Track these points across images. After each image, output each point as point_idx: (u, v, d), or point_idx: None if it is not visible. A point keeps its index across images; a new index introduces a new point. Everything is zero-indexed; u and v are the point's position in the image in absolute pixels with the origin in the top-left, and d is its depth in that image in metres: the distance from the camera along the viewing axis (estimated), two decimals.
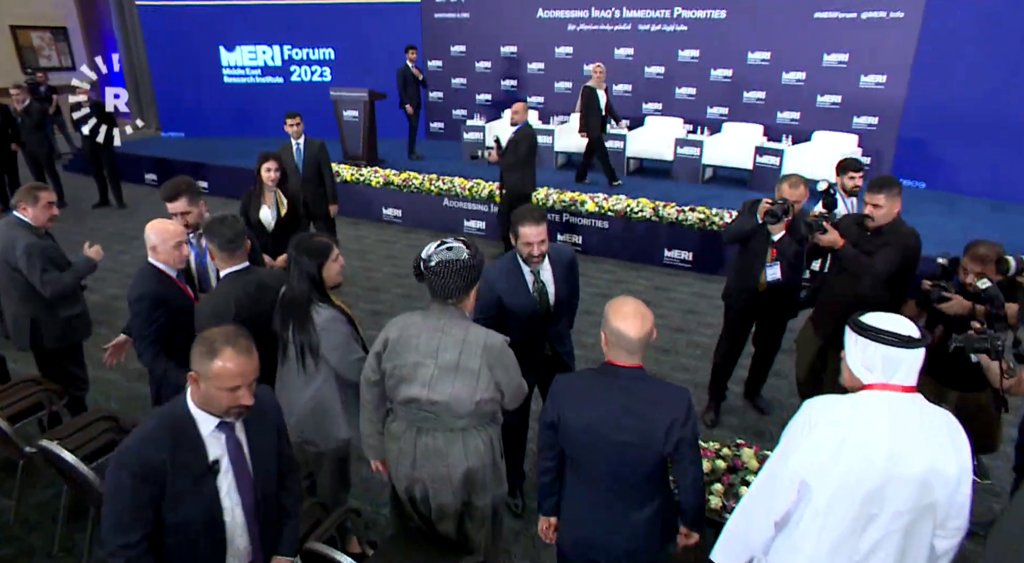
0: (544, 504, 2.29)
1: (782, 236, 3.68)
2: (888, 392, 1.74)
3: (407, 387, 2.32)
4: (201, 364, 1.79)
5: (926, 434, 1.71)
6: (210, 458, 1.85)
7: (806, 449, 1.78)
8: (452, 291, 2.25)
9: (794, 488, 1.81)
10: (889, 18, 8.27)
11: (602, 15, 9.93)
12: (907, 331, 1.73)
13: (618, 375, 2.02)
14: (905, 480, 1.70)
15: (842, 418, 1.76)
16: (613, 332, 1.99)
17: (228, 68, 11.78)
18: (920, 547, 1.78)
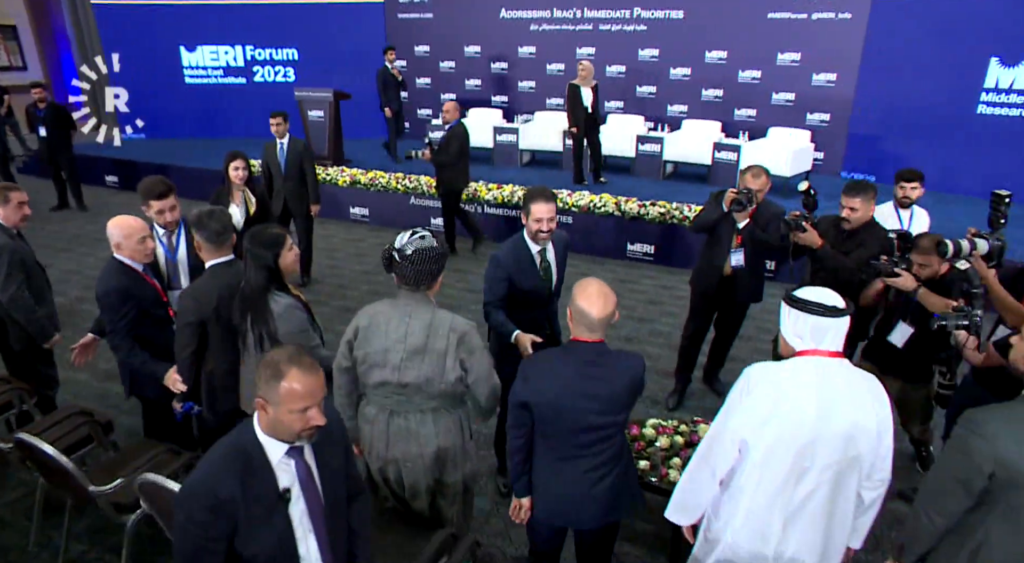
0: (517, 485, 2.40)
1: (747, 223, 3.88)
2: (817, 357, 1.93)
3: (378, 372, 2.43)
4: (268, 389, 1.69)
5: (850, 393, 1.91)
6: (280, 487, 1.76)
7: (744, 410, 1.97)
8: (424, 278, 2.37)
9: (735, 447, 2.00)
10: (837, 19, 8.60)
11: (564, 15, 10.11)
12: (832, 302, 1.93)
13: (581, 350, 2.17)
14: (832, 435, 1.89)
15: (776, 381, 1.95)
16: (577, 310, 2.14)
17: (190, 68, 11.66)
18: (847, 497, 1.97)
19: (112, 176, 10.25)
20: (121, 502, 2.76)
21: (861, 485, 1.99)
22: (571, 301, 2.18)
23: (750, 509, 2.00)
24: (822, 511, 1.97)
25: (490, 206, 7.67)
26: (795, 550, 2.01)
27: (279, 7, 11.21)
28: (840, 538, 2.05)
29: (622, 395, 2.17)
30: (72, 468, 2.58)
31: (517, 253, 3.14)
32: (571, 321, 2.20)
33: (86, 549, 3.17)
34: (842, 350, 1.96)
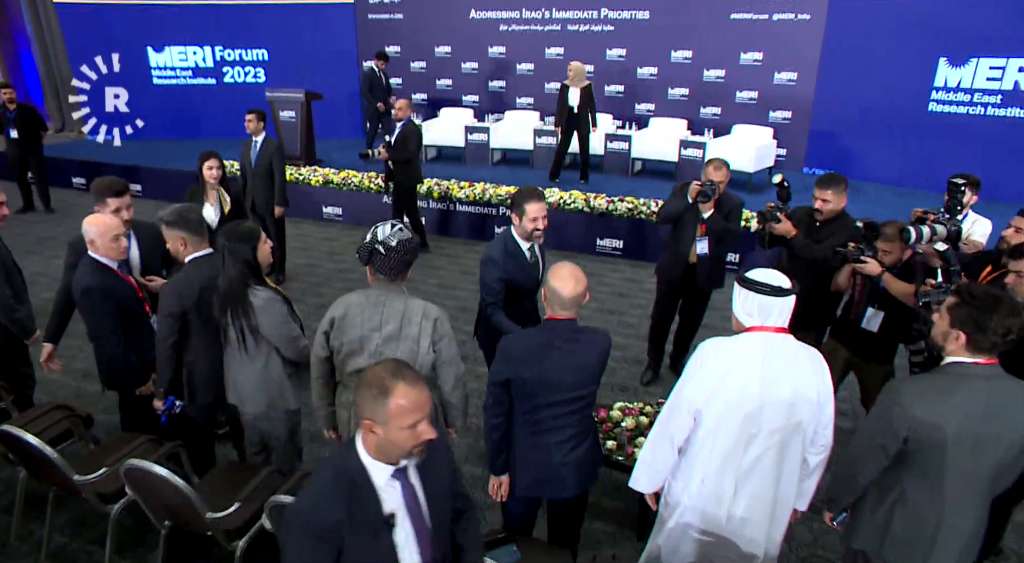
0: (495, 464, 2.52)
1: (712, 213, 4.08)
2: (763, 332, 2.12)
3: (355, 359, 2.55)
4: (376, 408, 1.61)
5: (793, 365, 2.09)
6: (386, 511, 1.70)
7: (697, 381, 2.15)
8: (402, 268, 2.50)
9: (690, 416, 2.18)
10: (797, 20, 8.88)
11: (533, 16, 10.25)
12: (778, 282, 2.10)
13: (557, 328, 2.33)
14: (776, 403, 2.07)
15: (725, 354, 2.13)
16: (551, 290, 2.30)
17: (158, 69, 11.55)
18: (793, 461, 2.16)
19: (79, 178, 10.13)
20: (105, 491, 2.83)
21: (806, 450, 2.17)
22: (545, 282, 2.35)
23: (705, 473, 2.19)
24: (770, 474, 2.16)
25: (462, 204, 7.79)
26: (746, 510, 2.19)
27: (248, 8, 11.17)
28: (787, 499, 2.24)
29: (595, 368, 2.35)
30: (57, 457, 2.65)
31: (509, 251, 3.29)
32: (545, 301, 2.36)
33: (68, 541, 3.23)
34: (787, 326, 2.14)
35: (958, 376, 1.96)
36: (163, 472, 2.43)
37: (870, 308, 3.38)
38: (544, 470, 2.44)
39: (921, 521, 2.04)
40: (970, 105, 7.86)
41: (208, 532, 2.60)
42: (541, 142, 9.35)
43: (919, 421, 1.93)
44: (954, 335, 1.96)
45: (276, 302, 2.76)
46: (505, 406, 2.44)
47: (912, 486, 2.04)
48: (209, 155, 4.84)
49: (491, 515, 3.37)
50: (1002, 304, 1.89)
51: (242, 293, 2.71)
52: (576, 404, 2.38)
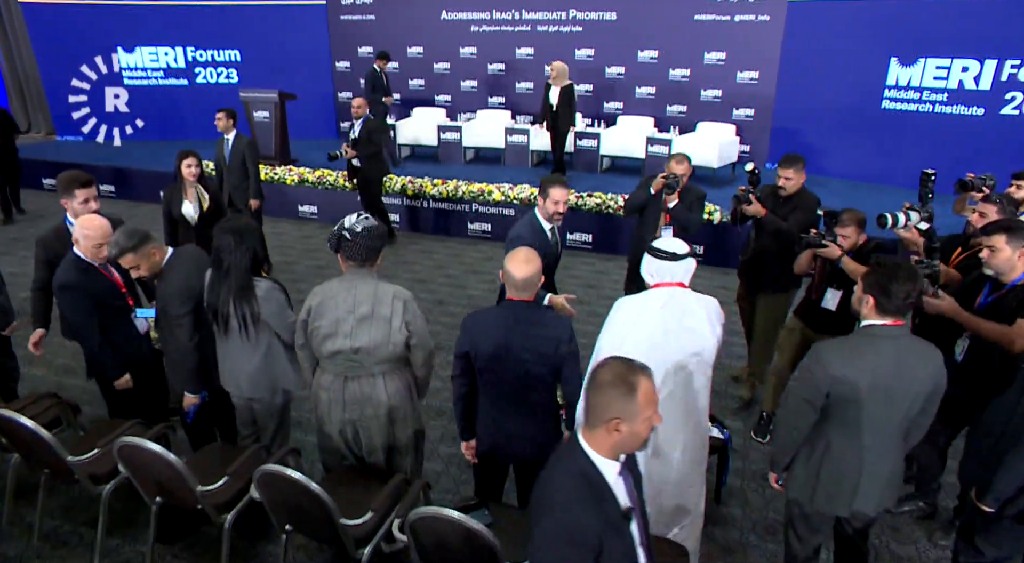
0: (461, 430, 2.75)
1: (676, 204, 4.39)
2: (664, 288, 2.53)
3: (331, 342, 2.73)
4: (626, 406, 1.63)
5: (689, 310, 2.52)
6: (622, 506, 1.73)
7: (611, 331, 2.52)
8: (370, 253, 2.69)
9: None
10: (757, 21, 9.20)
11: (503, 17, 10.45)
12: (672, 249, 2.56)
13: (514, 308, 2.54)
14: (677, 342, 2.48)
15: (633, 305, 2.56)
16: (506, 272, 2.52)
17: (128, 70, 11.52)
18: (698, 394, 2.58)
19: (50, 179, 10.08)
20: (97, 473, 2.97)
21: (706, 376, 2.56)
22: (503, 264, 2.55)
23: None
24: (681, 407, 2.53)
25: (435, 201, 7.97)
26: (664, 440, 2.54)
27: (220, 8, 11.20)
28: (699, 429, 2.61)
29: (551, 349, 2.50)
30: (51, 439, 2.79)
31: (534, 230, 3.66)
32: (504, 281, 2.56)
33: (59, 524, 3.36)
34: (687, 284, 2.59)
35: (870, 336, 2.23)
36: (155, 447, 2.59)
37: (830, 289, 3.69)
38: (499, 438, 2.66)
39: (845, 468, 2.30)
40: (919, 103, 8.25)
41: (198, 506, 2.76)
42: (512, 140, 9.56)
43: (837, 377, 2.20)
44: (865, 300, 2.24)
45: (276, 291, 2.94)
46: (469, 377, 2.65)
47: (836, 437, 2.30)
48: (187, 153, 4.97)
49: (467, 490, 3.58)
50: (902, 271, 2.18)
51: (249, 283, 2.87)
52: (531, 381, 2.55)
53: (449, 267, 6.98)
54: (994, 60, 7.58)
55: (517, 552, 2.36)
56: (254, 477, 2.55)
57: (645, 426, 1.67)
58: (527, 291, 2.53)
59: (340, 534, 2.53)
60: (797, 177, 4.02)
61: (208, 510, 2.77)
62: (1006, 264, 2.76)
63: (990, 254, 2.80)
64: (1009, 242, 2.74)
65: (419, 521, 2.30)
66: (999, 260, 2.76)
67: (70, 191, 3.57)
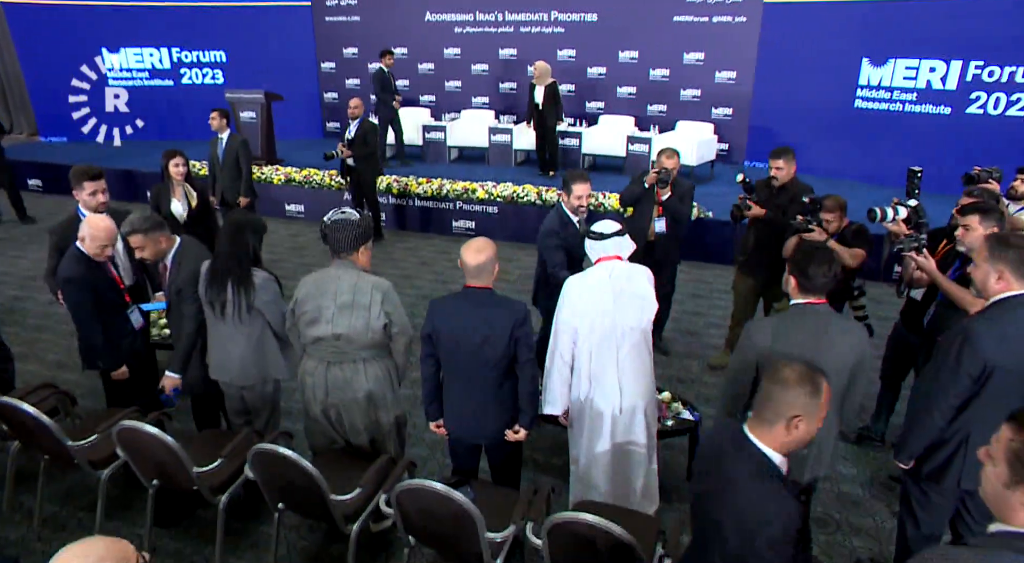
0: (430, 410, 2.94)
1: (669, 196, 4.64)
2: (606, 261, 2.93)
3: (315, 328, 2.90)
4: (808, 405, 1.69)
5: (632, 276, 2.89)
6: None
7: (565, 307, 2.84)
8: (344, 245, 2.86)
9: (569, 336, 2.84)
10: (735, 22, 9.43)
11: (486, 18, 10.61)
12: (600, 230, 2.94)
13: (471, 293, 2.73)
14: (626, 306, 2.78)
15: (582, 281, 2.91)
16: (461, 261, 2.72)
17: (112, 70, 11.56)
18: (649, 350, 2.97)
19: (35, 179, 10.14)
20: (96, 458, 3.11)
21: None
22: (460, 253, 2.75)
23: (590, 374, 2.87)
24: (641, 366, 2.87)
25: (420, 199, 8.12)
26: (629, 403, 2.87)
27: (205, 9, 11.27)
28: (651, 382, 2.99)
29: (505, 332, 2.67)
30: (52, 425, 2.92)
31: (563, 222, 3.96)
32: (462, 268, 2.75)
33: (58, 509, 3.49)
34: (624, 258, 2.96)
35: (796, 314, 2.47)
36: (153, 430, 2.73)
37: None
38: (466, 417, 2.85)
39: None
40: (890, 102, 8.51)
41: (194, 487, 2.91)
42: (496, 140, 9.73)
43: (763, 351, 2.43)
44: (790, 280, 2.47)
45: (271, 281, 3.11)
46: (434, 359, 2.83)
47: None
48: (174, 153, 5.10)
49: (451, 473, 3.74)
50: (817, 253, 2.41)
51: (248, 271, 3.04)
52: (488, 362, 2.72)
53: (434, 264, 7.14)
54: (959, 61, 7.85)
55: (495, 522, 2.53)
56: (249, 456, 2.70)
57: (816, 426, 1.72)
58: (480, 278, 2.71)
59: (330, 510, 2.68)
60: (788, 167, 4.38)
61: (203, 491, 2.91)
62: (977, 242, 2.99)
63: (964, 232, 3.09)
64: (982, 222, 3.02)
65: (404, 493, 2.46)
66: (972, 238, 3.03)
67: (80, 183, 3.75)
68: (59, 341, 5.37)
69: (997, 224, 3.05)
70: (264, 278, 3.09)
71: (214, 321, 3.14)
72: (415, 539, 2.72)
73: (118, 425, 2.80)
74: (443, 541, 2.63)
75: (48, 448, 3.14)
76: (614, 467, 3.02)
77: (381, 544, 3.21)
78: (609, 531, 2.22)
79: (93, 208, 3.78)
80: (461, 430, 2.88)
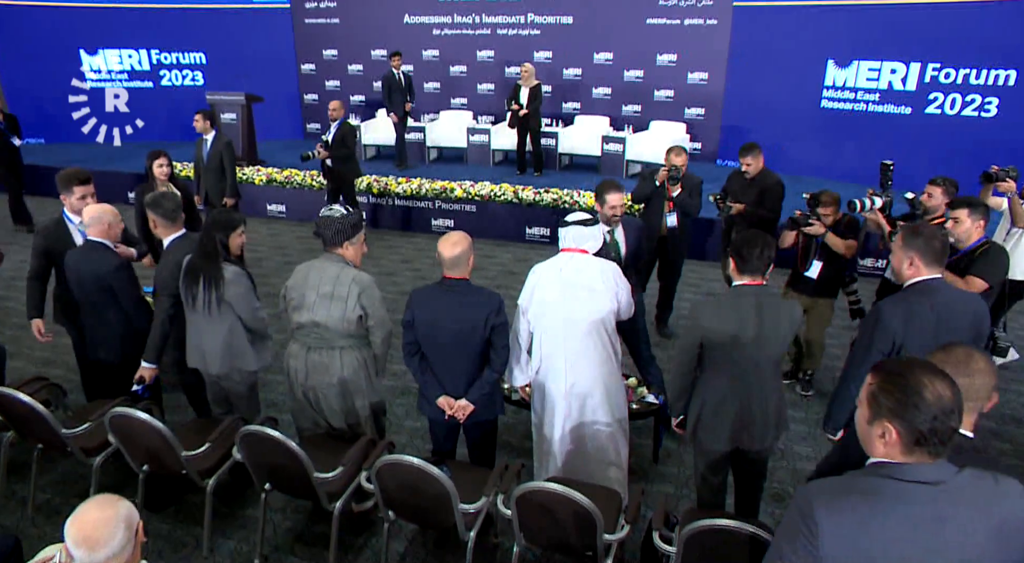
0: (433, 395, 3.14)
1: (679, 192, 4.91)
2: (566, 253, 3.10)
3: (298, 314, 3.10)
4: (991, 390, 1.85)
5: (586, 271, 3.03)
6: None
7: (524, 292, 3.06)
8: (330, 239, 3.06)
9: (525, 319, 3.08)
10: (706, 25, 9.70)
11: (464, 20, 10.80)
12: (566, 218, 3.14)
13: (448, 283, 2.93)
14: (577, 297, 2.97)
15: (540, 270, 3.12)
16: (438, 252, 2.92)
17: (92, 72, 11.58)
18: (603, 341, 3.06)
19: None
20: (88, 446, 3.26)
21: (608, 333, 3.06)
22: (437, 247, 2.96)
23: (543, 356, 3.10)
24: (593, 354, 3.03)
25: (400, 198, 8.30)
26: (582, 385, 3.06)
27: (183, 12, 11.34)
28: (615, 376, 3.14)
29: (479, 321, 2.87)
30: (47, 413, 3.07)
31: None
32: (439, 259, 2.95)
33: (51, 497, 3.63)
34: (586, 250, 3.09)
35: (736, 295, 2.68)
36: (144, 416, 2.89)
37: (814, 260, 4.31)
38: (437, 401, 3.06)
39: (721, 407, 2.73)
40: (854, 102, 8.83)
41: (183, 471, 3.07)
42: (474, 140, 9.93)
43: (707, 328, 2.65)
44: (730, 262, 2.70)
45: (243, 276, 3.26)
46: (415, 345, 3.03)
47: (712, 379, 2.76)
48: (158, 153, 5.23)
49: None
50: (755, 238, 2.62)
51: (217, 265, 3.18)
52: (463, 347, 2.92)
53: (414, 261, 7.32)
54: (918, 63, 8.18)
55: (469, 496, 2.73)
56: (237, 438, 2.87)
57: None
58: (456, 269, 2.91)
59: (314, 488, 2.86)
60: (756, 161, 4.91)
61: (192, 475, 3.07)
62: (965, 234, 3.43)
63: (954, 224, 3.44)
64: (970, 215, 3.39)
65: (384, 468, 2.65)
66: (961, 230, 3.42)
67: (69, 187, 3.84)
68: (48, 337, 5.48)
69: (983, 218, 3.43)
70: (235, 272, 3.22)
71: (190, 312, 3.30)
72: (394, 514, 2.91)
73: (110, 412, 2.95)
74: (420, 514, 2.82)
75: (42, 437, 3.28)
76: (574, 444, 3.23)
77: (363, 524, 3.39)
78: (571, 499, 2.43)
79: (81, 211, 3.81)
80: (439, 412, 3.07)
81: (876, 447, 1.47)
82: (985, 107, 7.85)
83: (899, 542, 1.37)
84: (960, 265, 3.41)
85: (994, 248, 3.44)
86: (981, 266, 3.35)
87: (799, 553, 1.42)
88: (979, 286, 3.31)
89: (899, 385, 1.41)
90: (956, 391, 1.41)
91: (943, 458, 1.42)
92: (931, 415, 1.37)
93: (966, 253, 3.44)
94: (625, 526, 2.62)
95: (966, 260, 3.42)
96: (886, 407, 1.42)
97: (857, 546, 1.38)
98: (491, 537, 3.22)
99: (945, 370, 1.46)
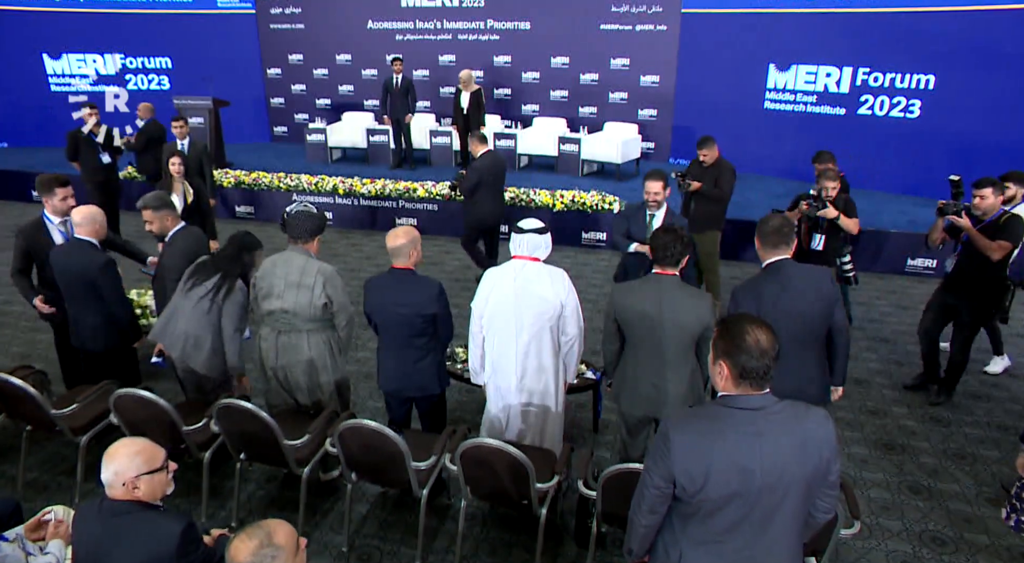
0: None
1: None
2: (518, 260, 3.29)
3: (268, 302, 3.47)
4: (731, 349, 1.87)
5: (536, 278, 3.24)
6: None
7: (478, 296, 3.32)
8: (300, 233, 3.42)
9: (479, 321, 3.34)
10: (656, 30, 10.21)
11: (426, 26, 11.17)
12: (521, 225, 3.30)
13: (394, 273, 3.33)
14: (527, 304, 3.22)
15: (493, 275, 3.34)
16: (386, 242, 3.29)
17: (54, 76, 11.68)
18: (550, 345, 3.32)
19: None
20: (76, 425, 3.57)
21: (560, 338, 3.33)
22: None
23: (493, 356, 3.38)
24: (537, 355, 3.32)
25: (365, 199, 8.64)
26: (528, 381, 3.35)
27: (149, 17, 11.52)
28: (555, 370, 3.38)
29: (421, 304, 3.26)
30: (37, 394, 3.38)
31: (637, 209, 4.68)
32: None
33: (39, 475, 3.93)
34: (538, 257, 3.29)
35: (650, 281, 3.08)
36: (151, 395, 3.24)
37: (816, 234, 4.97)
38: (398, 376, 3.46)
39: (638, 378, 3.12)
40: (794, 104, 9.41)
41: (182, 445, 3.40)
42: (437, 141, 10.30)
43: (621, 307, 3.07)
44: (648, 252, 3.11)
45: (242, 294, 3.56)
46: (373, 326, 3.43)
47: (628, 353, 3.17)
48: (173, 152, 5.77)
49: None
50: (664, 234, 3.04)
51: (235, 275, 3.54)
52: (410, 328, 3.30)
53: (376, 257, 7.67)
54: (850, 67, 8.78)
55: (420, 456, 3.13)
56: (214, 410, 3.23)
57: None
58: (399, 258, 3.30)
59: (284, 455, 3.23)
60: (711, 152, 5.68)
61: (191, 447, 3.42)
62: (990, 207, 4.10)
63: (980, 200, 4.09)
64: (993, 192, 4.06)
65: (346, 431, 3.04)
66: (986, 205, 4.10)
67: (51, 190, 4.08)
68: (19, 336, 5.73)
69: (1003, 191, 4.19)
70: (242, 289, 3.57)
71: (179, 295, 3.60)
72: (356, 476, 3.29)
73: (116, 392, 3.29)
74: (379, 471, 3.21)
75: (31, 417, 3.58)
76: (522, 419, 3.56)
77: (329, 490, 3.77)
78: (507, 452, 2.84)
79: (63, 212, 4.10)
80: (393, 385, 3.47)
81: (717, 381, 1.91)
82: (909, 108, 8.48)
83: (728, 451, 1.81)
84: (987, 232, 4.09)
85: (1013, 217, 4.09)
86: (1006, 232, 4.03)
87: (658, 465, 1.86)
88: (1007, 247, 4.03)
89: (729, 332, 1.86)
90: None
91: (767, 391, 1.87)
92: (752, 355, 1.81)
93: (991, 222, 4.13)
94: (555, 476, 3.04)
95: (992, 228, 4.10)
96: (720, 349, 1.87)
97: (699, 456, 1.81)
98: (443, 498, 3.63)
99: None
